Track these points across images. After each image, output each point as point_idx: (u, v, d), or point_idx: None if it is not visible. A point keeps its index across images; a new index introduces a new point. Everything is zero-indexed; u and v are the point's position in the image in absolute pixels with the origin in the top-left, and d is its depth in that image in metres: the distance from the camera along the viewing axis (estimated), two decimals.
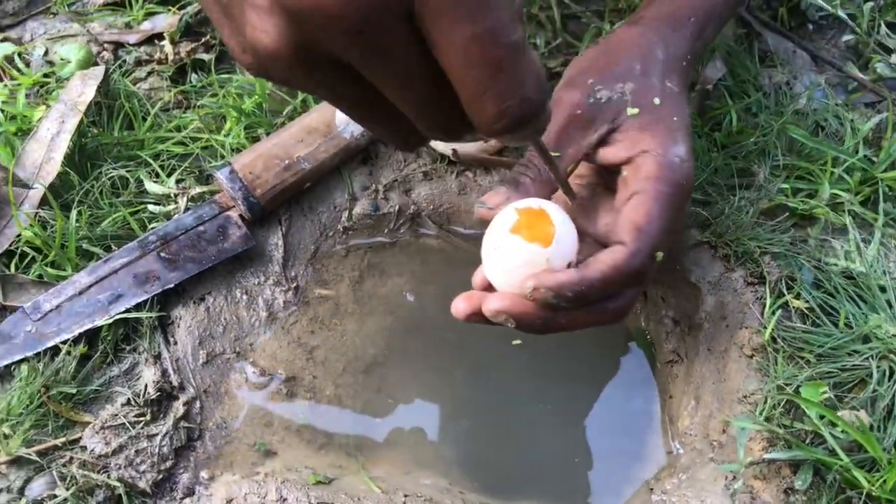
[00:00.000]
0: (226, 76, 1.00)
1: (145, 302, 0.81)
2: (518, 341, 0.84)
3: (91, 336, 0.79)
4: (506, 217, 0.60)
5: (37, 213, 0.84)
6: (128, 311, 0.80)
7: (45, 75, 1.01)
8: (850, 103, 0.99)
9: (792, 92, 0.98)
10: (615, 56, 0.71)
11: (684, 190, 0.64)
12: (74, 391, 0.77)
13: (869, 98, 1.00)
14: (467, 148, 0.92)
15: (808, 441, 0.70)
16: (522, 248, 0.58)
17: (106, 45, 1.07)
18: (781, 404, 0.72)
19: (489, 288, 0.63)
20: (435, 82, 0.37)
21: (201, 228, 0.85)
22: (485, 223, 0.63)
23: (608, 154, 0.67)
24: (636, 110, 0.68)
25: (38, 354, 0.77)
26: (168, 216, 0.87)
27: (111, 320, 0.79)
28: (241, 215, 0.86)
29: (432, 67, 0.36)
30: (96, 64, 1.03)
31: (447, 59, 0.35)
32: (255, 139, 0.93)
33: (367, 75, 0.36)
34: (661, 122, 0.67)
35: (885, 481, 0.66)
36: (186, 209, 0.88)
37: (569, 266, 0.59)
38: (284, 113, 0.93)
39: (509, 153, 0.93)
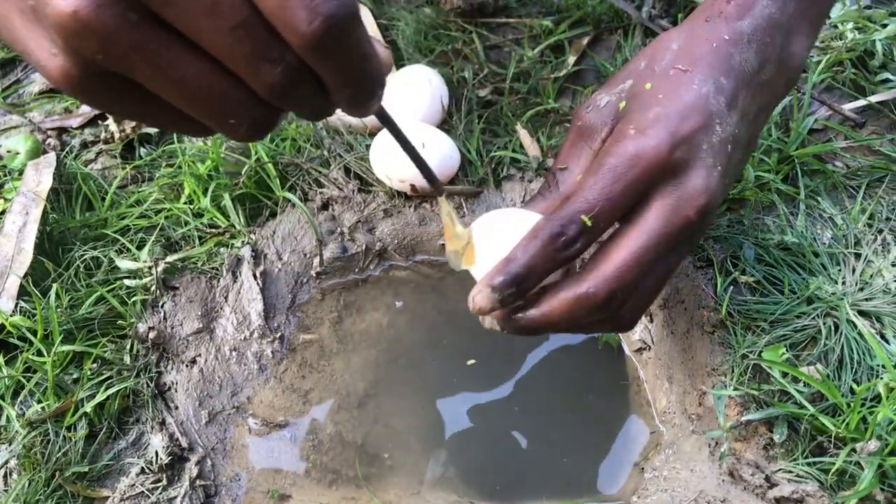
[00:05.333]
0: (174, 147, 1.04)
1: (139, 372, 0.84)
2: (472, 361, 0.91)
3: (91, 415, 0.82)
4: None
5: (17, 303, 0.86)
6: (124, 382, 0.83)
7: None
8: None
9: None
10: (625, 65, 0.70)
11: (636, 162, 0.58)
12: (86, 469, 0.79)
13: None
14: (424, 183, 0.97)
15: (777, 399, 0.78)
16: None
17: (49, 132, 1.09)
18: (748, 371, 0.80)
19: None
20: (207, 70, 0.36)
21: None
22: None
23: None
24: (624, 103, 0.66)
25: (44, 440, 0.79)
26: (146, 288, 0.90)
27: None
28: None
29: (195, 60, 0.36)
30: (45, 152, 1.05)
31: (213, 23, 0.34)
32: (218, 203, 0.97)
33: (147, 84, 0.36)
34: (637, 100, 0.64)
35: (847, 423, 0.74)
36: (163, 279, 0.91)
37: None
38: (243, 173, 0.97)
39: (462, 181, 0.99)
